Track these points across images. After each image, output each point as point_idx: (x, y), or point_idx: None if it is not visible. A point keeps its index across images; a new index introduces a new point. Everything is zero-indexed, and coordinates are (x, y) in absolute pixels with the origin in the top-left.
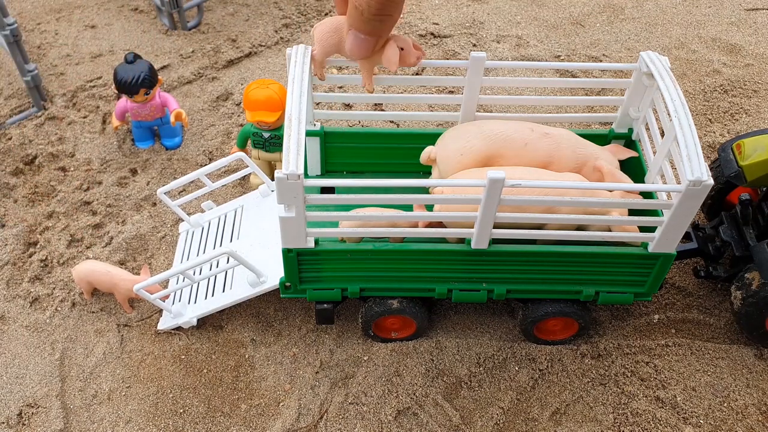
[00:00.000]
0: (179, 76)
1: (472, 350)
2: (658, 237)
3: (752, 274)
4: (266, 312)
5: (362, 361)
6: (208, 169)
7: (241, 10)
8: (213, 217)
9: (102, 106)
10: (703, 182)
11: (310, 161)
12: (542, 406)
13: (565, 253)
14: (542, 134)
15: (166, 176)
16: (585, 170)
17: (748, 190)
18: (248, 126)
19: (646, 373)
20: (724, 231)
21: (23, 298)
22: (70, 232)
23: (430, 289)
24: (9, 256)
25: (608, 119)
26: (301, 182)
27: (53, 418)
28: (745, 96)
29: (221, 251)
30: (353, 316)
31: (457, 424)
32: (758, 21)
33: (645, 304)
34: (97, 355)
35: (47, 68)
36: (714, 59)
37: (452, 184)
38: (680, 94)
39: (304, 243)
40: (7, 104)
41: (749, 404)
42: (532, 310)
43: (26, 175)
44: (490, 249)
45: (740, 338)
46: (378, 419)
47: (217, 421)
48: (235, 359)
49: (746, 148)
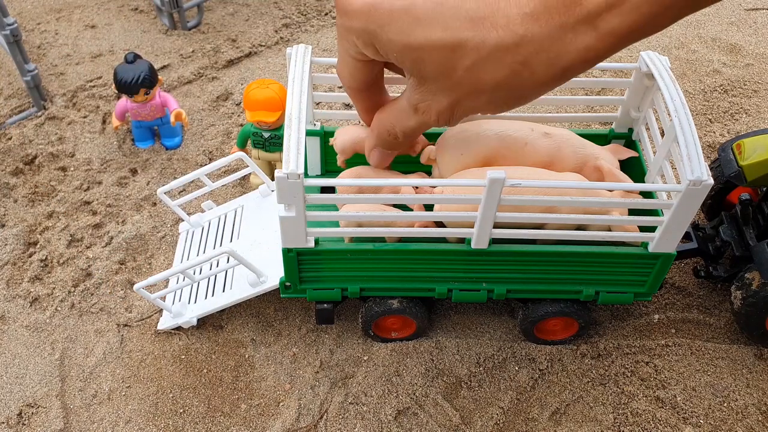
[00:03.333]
0: (179, 76)
1: (472, 350)
2: (658, 237)
3: (752, 274)
4: (266, 312)
5: (362, 361)
6: (208, 169)
7: (241, 10)
8: (213, 217)
9: (102, 106)
10: (703, 182)
11: (310, 161)
12: (542, 406)
13: (565, 252)
14: (543, 134)
15: (166, 176)
16: (585, 170)
17: (748, 190)
18: (248, 126)
19: (646, 373)
20: (724, 231)
21: (23, 298)
22: (70, 232)
23: (430, 289)
24: (9, 256)
25: (608, 119)
26: (301, 182)
27: (53, 418)
28: (745, 96)
29: (221, 251)
30: (353, 316)
31: (457, 424)
32: (758, 21)
33: (645, 304)
34: (97, 355)
35: (47, 68)
36: (714, 59)
37: (452, 184)
38: (680, 93)
39: (304, 243)
40: (7, 104)
41: (749, 404)
42: (532, 310)
43: (26, 175)
44: (490, 249)
45: (740, 338)
46: (378, 419)
47: (217, 421)
48: (235, 359)
49: (746, 148)
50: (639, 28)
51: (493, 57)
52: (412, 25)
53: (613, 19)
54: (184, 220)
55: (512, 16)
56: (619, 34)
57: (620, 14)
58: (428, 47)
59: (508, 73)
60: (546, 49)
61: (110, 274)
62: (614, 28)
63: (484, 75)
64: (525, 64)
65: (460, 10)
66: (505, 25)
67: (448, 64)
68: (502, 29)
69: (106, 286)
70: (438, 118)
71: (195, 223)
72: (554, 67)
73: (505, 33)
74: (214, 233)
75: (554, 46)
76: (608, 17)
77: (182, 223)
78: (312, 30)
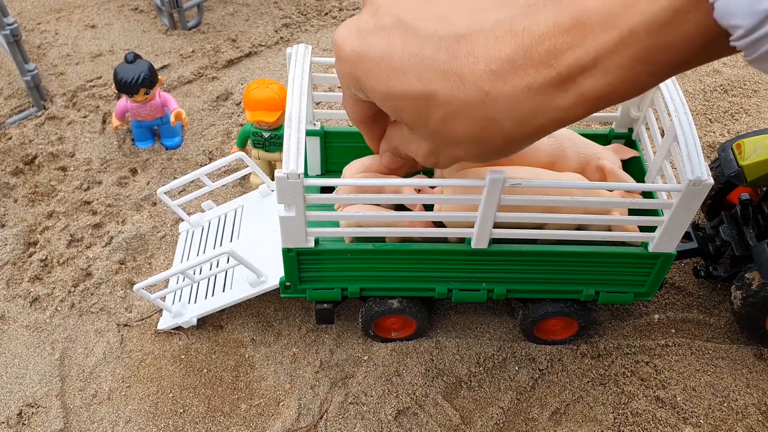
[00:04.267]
0: (179, 76)
1: (472, 350)
2: (658, 237)
3: (752, 274)
4: (266, 312)
5: (362, 361)
6: (208, 169)
7: (241, 10)
8: (213, 217)
9: (102, 106)
10: (703, 182)
11: (310, 161)
12: (542, 406)
13: (566, 252)
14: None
15: (166, 176)
16: (588, 170)
17: (748, 190)
18: (248, 126)
19: (646, 373)
20: (724, 231)
21: (23, 298)
22: (70, 232)
23: (430, 289)
24: (9, 256)
25: (608, 119)
26: (301, 182)
27: (53, 418)
28: (745, 96)
29: (221, 251)
30: (353, 316)
31: (457, 424)
32: None
33: (645, 304)
34: (97, 355)
35: (47, 68)
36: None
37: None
38: (680, 93)
39: (304, 243)
40: (7, 104)
41: (749, 404)
42: (532, 310)
43: (26, 175)
44: (490, 249)
45: (740, 338)
46: (378, 419)
47: (217, 421)
48: (235, 359)
49: (746, 148)
50: (613, 93)
51: (462, 111)
52: (389, 73)
53: (585, 81)
54: (184, 220)
55: (478, 72)
56: (592, 97)
57: (592, 77)
58: (404, 96)
59: (477, 127)
60: (513, 107)
61: (110, 274)
62: (586, 92)
63: (455, 128)
64: (492, 120)
65: (434, 61)
66: (471, 81)
67: (423, 114)
68: (469, 85)
69: (106, 286)
70: (424, 160)
71: (195, 223)
72: (524, 126)
73: (471, 89)
74: (214, 233)
75: (522, 106)
76: (580, 80)
77: (182, 223)
78: (312, 30)
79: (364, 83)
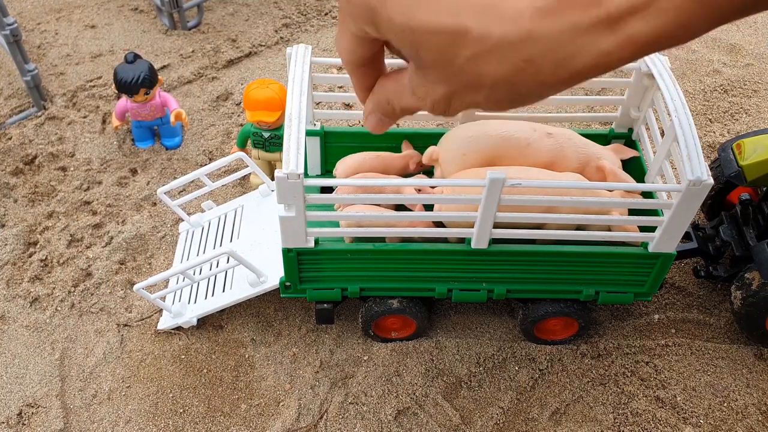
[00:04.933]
0: (179, 76)
1: (472, 350)
2: (658, 237)
3: (752, 274)
4: (266, 312)
5: (362, 361)
6: (208, 169)
7: (241, 10)
8: (213, 217)
9: (102, 106)
10: (703, 182)
11: (310, 161)
12: (542, 406)
13: (565, 252)
14: (545, 134)
15: (166, 176)
16: (588, 170)
17: (748, 190)
18: (248, 126)
19: (646, 373)
20: (724, 231)
21: (23, 298)
22: (70, 232)
23: (430, 289)
24: (9, 256)
25: (608, 119)
26: (301, 182)
27: (53, 418)
28: (745, 96)
29: (221, 251)
30: (353, 316)
31: (457, 424)
32: (758, 21)
33: (645, 304)
34: (97, 355)
35: (47, 68)
36: (714, 59)
37: (452, 184)
38: (680, 93)
39: (304, 243)
40: (7, 104)
41: (749, 404)
42: (532, 310)
43: (26, 175)
44: (490, 249)
45: (740, 338)
46: (378, 419)
47: (217, 421)
48: (235, 359)
49: (746, 148)
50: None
51: (496, 51)
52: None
53: (635, 23)
54: (184, 220)
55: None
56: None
57: (644, 19)
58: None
59: (510, 70)
60: (555, 49)
61: (110, 274)
62: (636, 33)
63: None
64: (530, 62)
65: None
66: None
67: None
68: (509, 22)
69: (106, 286)
70: (433, 107)
71: (195, 223)
72: (562, 70)
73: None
74: (214, 233)
75: (565, 48)
76: (631, 21)
77: (182, 223)
78: (312, 30)
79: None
